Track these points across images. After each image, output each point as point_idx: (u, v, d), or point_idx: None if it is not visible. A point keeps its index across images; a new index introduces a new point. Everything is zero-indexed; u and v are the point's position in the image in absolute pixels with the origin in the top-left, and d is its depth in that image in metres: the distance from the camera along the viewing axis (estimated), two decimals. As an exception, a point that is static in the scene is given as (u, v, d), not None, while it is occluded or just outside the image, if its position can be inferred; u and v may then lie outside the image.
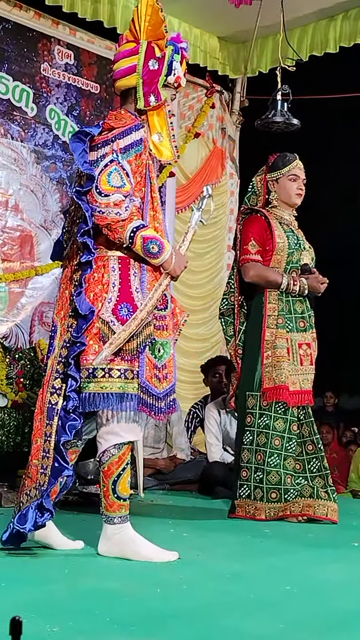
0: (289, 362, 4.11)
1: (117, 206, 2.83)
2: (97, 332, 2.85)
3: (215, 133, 7.29)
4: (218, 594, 2.43)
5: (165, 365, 2.94)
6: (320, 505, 4.02)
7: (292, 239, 4.25)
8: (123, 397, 2.84)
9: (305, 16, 6.39)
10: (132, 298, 2.87)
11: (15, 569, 2.67)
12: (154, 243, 2.87)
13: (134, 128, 2.93)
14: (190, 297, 7.11)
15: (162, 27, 3.02)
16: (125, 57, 3.01)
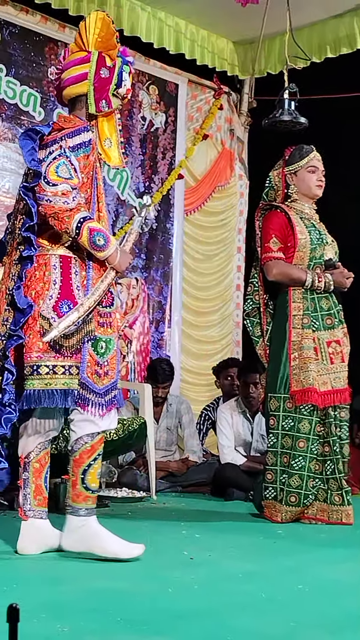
0: (318, 362, 4.04)
1: (64, 195, 2.86)
2: (39, 329, 2.87)
3: (223, 134, 7.28)
4: (230, 593, 2.42)
5: (107, 362, 2.93)
6: (334, 510, 3.99)
7: (314, 234, 4.20)
8: (68, 393, 2.86)
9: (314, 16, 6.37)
10: (72, 295, 2.90)
11: (26, 570, 2.67)
12: (100, 235, 2.90)
13: (83, 129, 3.00)
14: (199, 299, 7.09)
15: (113, 38, 3.09)
16: (76, 65, 3.07)
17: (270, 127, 5.14)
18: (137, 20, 6.18)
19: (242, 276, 7.36)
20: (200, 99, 7.10)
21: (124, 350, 6.40)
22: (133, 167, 6.56)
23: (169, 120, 6.87)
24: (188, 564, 2.85)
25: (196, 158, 7.04)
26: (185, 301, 6.96)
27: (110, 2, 5.96)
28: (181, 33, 6.51)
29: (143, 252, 6.62)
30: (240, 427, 5.44)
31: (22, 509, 2.98)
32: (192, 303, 7.03)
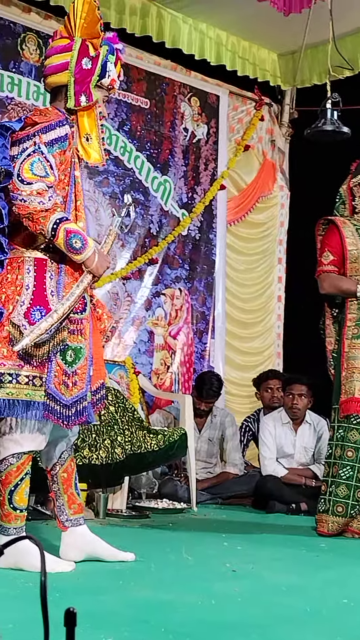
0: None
1: (40, 195, 2.70)
2: (6, 335, 2.73)
3: (264, 145, 7.27)
4: (273, 606, 2.39)
5: (76, 371, 2.81)
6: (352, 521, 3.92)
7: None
8: (29, 404, 2.73)
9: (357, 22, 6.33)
10: (46, 301, 2.75)
11: (69, 580, 2.67)
12: (77, 237, 2.75)
13: (59, 123, 2.83)
14: (243, 310, 7.08)
15: (97, 26, 2.91)
16: (58, 53, 2.90)
17: (312, 137, 5.11)
18: (178, 32, 6.22)
19: (282, 287, 7.33)
20: (241, 110, 7.10)
21: (168, 361, 6.41)
22: (176, 178, 6.58)
23: (211, 132, 6.88)
24: (231, 575, 2.83)
25: (238, 169, 7.04)
26: (230, 312, 6.95)
27: (152, 15, 6.01)
28: (222, 45, 6.53)
29: (186, 262, 6.64)
30: (282, 438, 5.40)
31: (60, 521, 2.97)
32: (235, 314, 7.02)
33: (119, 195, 6.20)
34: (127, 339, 6.15)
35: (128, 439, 4.51)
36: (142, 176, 6.36)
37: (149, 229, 6.36)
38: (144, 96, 6.42)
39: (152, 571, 2.87)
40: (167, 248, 6.45)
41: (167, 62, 6.48)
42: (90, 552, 2.96)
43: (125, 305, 6.18)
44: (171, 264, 6.53)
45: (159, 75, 6.49)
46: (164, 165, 6.52)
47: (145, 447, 4.57)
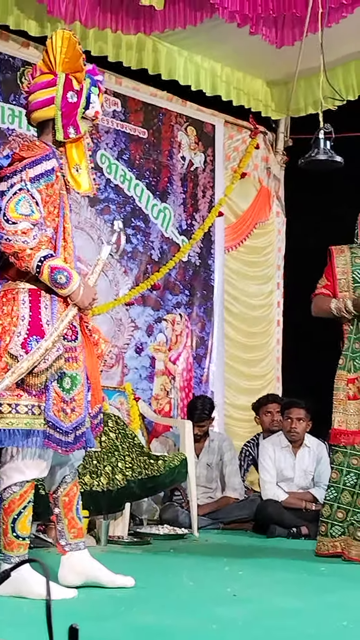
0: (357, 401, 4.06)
1: (24, 234, 2.78)
2: (4, 366, 2.78)
3: (260, 173, 7.37)
4: (274, 629, 2.43)
5: (74, 398, 2.87)
6: (354, 546, 3.95)
7: (358, 274, 4.19)
8: (29, 433, 2.78)
9: (349, 55, 6.47)
10: (42, 331, 2.81)
11: (70, 606, 2.70)
12: (61, 273, 2.82)
13: (45, 157, 2.90)
14: (246, 333, 7.14)
15: (80, 60, 3.00)
16: (42, 89, 2.99)
17: (306, 166, 5.20)
18: (174, 64, 6.34)
19: (281, 312, 7.41)
20: (237, 138, 7.22)
21: (168, 386, 6.46)
22: (175, 205, 6.68)
23: (208, 160, 6.99)
24: (232, 600, 2.87)
25: (235, 196, 7.14)
26: (233, 336, 7.02)
27: (148, 48, 6.13)
28: (217, 76, 6.66)
29: (187, 288, 6.72)
30: (282, 462, 5.44)
31: (60, 545, 3.00)
32: (239, 338, 7.09)
33: (120, 222, 6.30)
34: (129, 365, 6.21)
35: (129, 465, 4.55)
36: (142, 204, 6.46)
37: (150, 255, 6.45)
38: (142, 126, 6.53)
39: (153, 597, 2.91)
40: (168, 274, 6.54)
41: (164, 93, 6.60)
42: (89, 577, 2.98)
43: (129, 331, 6.25)
44: (172, 289, 6.61)
45: (156, 105, 6.61)
46: (163, 193, 6.62)
47: (146, 473, 4.61)
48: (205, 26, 5.72)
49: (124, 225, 6.29)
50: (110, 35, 5.78)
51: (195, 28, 5.67)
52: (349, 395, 4.08)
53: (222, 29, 5.83)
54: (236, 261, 7.13)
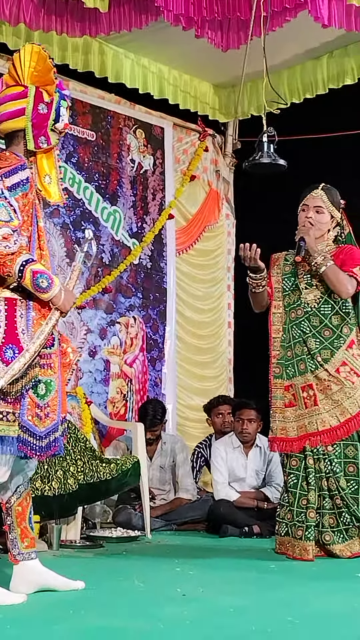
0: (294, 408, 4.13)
1: (5, 239, 2.83)
2: None
3: (210, 175, 7.42)
4: (220, 627, 2.45)
5: (48, 404, 2.93)
6: (295, 545, 3.99)
7: (287, 282, 4.26)
8: (3, 439, 2.81)
9: (294, 58, 6.55)
10: (17, 340, 2.85)
11: (19, 611, 2.70)
12: (43, 277, 2.88)
13: (20, 167, 2.97)
14: (197, 335, 7.17)
15: (51, 74, 3.08)
16: (12, 100, 3.04)
17: (250, 169, 5.25)
18: (121, 67, 6.34)
19: (232, 314, 7.45)
20: (186, 141, 7.25)
21: (124, 389, 6.46)
22: (125, 208, 6.67)
23: (157, 163, 7.01)
24: (180, 600, 2.88)
25: (185, 199, 7.17)
26: (185, 338, 7.04)
27: (94, 50, 6.12)
28: (164, 79, 6.68)
29: (139, 291, 6.72)
30: (234, 462, 5.48)
31: (12, 554, 3.01)
32: (190, 340, 7.11)
33: (70, 225, 6.27)
34: (83, 368, 6.19)
35: (81, 469, 4.54)
36: (92, 207, 6.44)
37: (101, 258, 6.44)
38: (90, 129, 6.52)
39: (103, 599, 2.91)
40: (120, 277, 6.53)
41: (111, 95, 6.59)
42: (41, 584, 3.00)
43: (81, 335, 6.23)
44: (124, 292, 6.61)
45: (104, 108, 6.60)
46: (113, 195, 6.61)
47: (98, 476, 4.60)
48: (152, 29, 5.74)
49: (74, 228, 6.27)
50: (56, 37, 5.76)
51: (141, 31, 5.68)
52: (286, 402, 4.15)
53: (168, 32, 5.86)
54: (186, 264, 7.16)
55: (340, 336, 4.11)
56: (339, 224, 4.28)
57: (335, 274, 4.08)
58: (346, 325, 4.13)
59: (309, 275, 4.21)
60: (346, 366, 4.08)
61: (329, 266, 4.08)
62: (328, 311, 4.15)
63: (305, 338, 4.12)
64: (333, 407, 4.06)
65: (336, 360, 4.08)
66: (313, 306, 4.16)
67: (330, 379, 4.07)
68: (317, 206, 4.21)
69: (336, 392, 4.06)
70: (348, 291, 4.10)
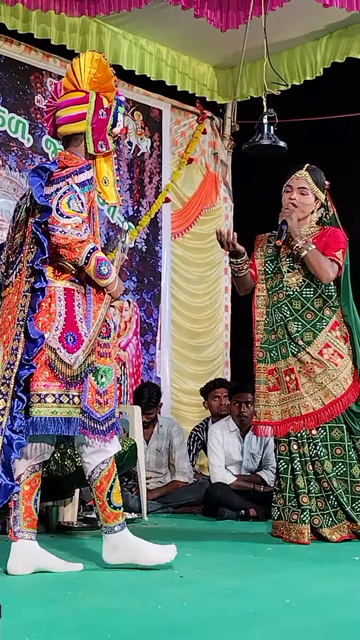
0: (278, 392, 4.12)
1: (77, 227, 3.03)
2: (46, 359, 3.02)
3: (207, 158, 7.39)
4: (218, 609, 2.46)
5: (107, 391, 3.11)
6: (291, 529, 3.98)
7: (269, 265, 4.21)
8: (70, 421, 3.01)
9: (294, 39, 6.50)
10: (76, 327, 3.06)
11: (19, 591, 2.70)
12: (105, 265, 3.10)
13: (86, 167, 3.15)
14: (193, 320, 7.17)
15: (112, 81, 3.28)
16: (74, 105, 3.22)
17: (250, 151, 5.21)
18: (119, 48, 6.30)
19: (229, 297, 7.44)
20: (184, 123, 7.22)
21: (118, 372, 6.46)
22: (122, 191, 6.64)
23: (155, 145, 6.97)
24: (178, 581, 2.89)
25: (182, 182, 7.14)
26: (180, 322, 7.04)
27: (92, 31, 6.08)
28: (162, 60, 6.63)
29: (134, 274, 6.70)
30: (230, 446, 5.48)
31: (12, 530, 3.06)
32: (186, 324, 7.10)
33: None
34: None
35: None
36: (88, 189, 6.41)
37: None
38: (87, 110, 6.46)
39: (100, 580, 2.93)
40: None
41: (110, 77, 6.55)
42: (38, 566, 3.03)
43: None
44: (119, 275, 6.57)
45: (101, 89, 6.55)
46: (109, 178, 6.57)
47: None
48: (151, 8, 5.70)
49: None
50: (54, 17, 5.72)
51: (140, 11, 5.64)
52: (269, 386, 4.12)
53: (167, 12, 5.82)
54: (182, 248, 7.14)
55: (323, 318, 4.07)
56: (324, 205, 4.22)
57: (317, 259, 4.03)
58: (328, 308, 4.09)
59: (290, 258, 4.16)
60: (329, 348, 4.04)
61: (310, 250, 4.03)
62: (310, 294, 4.10)
63: (286, 322, 4.08)
64: (317, 390, 4.02)
65: (319, 342, 4.04)
66: (295, 289, 4.11)
67: (312, 361, 4.03)
68: (301, 187, 4.14)
69: (319, 374, 4.02)
70: (329, 276, 4.04)
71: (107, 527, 3.11)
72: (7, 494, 2.95)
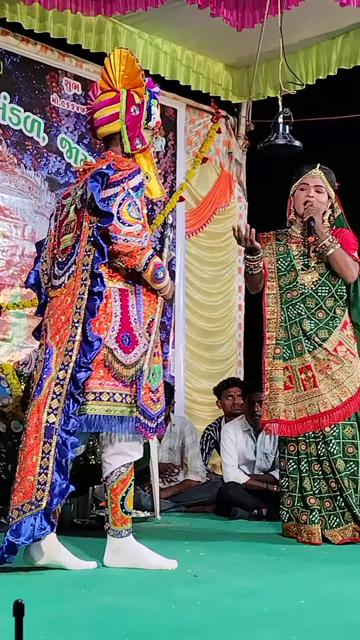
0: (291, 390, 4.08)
1: (139, 235, 3.09)
2: (102, 358, 3.07)
3: (222, 157, 7.38)
4: (232, 609, 2.46)
5: (158, 389, 3.19)
6: (303, 530, 3.96)
7: (282, 263, 4.19)
8: (123, 419, 3.08)
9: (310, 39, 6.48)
10: (131, 328, 3.12)
11: (32, 589, 2.71)
12: (161, 270, 3.16)
13: (137, 171, 3.18)
14: (207, 318, 7.17)
15: (139, 76, 3.29)
16: (107, 106, 3.27)
17: (265, 150, 5.19)
18: (134, 47, 6.28)
19: (242, 296, 7.44)
20: (199, 123, 7.21)
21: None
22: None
23: (169, 144, 6.98)
24: (191, 581, 2.89)
25: (196, 181, 7.14)
26: (194, 321, 7.04)
27: (108, 30, 6.09)
28: (177, 59, 6.63)
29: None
30: (244, 445, 5.48)
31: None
32: (199, 323, 7.10)
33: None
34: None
35: (91, 450, 4.55)
36: (103, 188, 6.41)
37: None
38: (102, 110, 6.47)
39: (114, 578, 2.93)
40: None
41: (125, 76, 6.55)
42: (53, 558, 3.03)
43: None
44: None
45: (117, 89, 6.55)
46: (124, 177, 6.58)
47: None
48: (166, 8, 5.70)
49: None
50: (70, 16, 5.72)
51: (155, 10, 5.64)
52: (285, 384, 4.08)
53: (183, 11, 5.82)
54: (196, 247, 7.14)
55: (335, 317, 4.06)
56: (332, 205, 4.22)
57: (343, 257, 4.04)
58: (339, 307, 4.08)
59: (305, 256, 4.14)
60: (342, 346, 4.03)
61: (337, 249, 4.03)
62: (324, 293, 4.09)
63: (300, 320, 4.07)
64: (334, 386, 3.99)
65: (333, 339, 4.03)
66: (310, 288, 4.10)
67: (329, 357, 4.01)
68: (318, 185, 4.15)
69: (336, 371, 4.00)
70: (354, 275, 4.08)
71: (114, 530, 3.13)
72: (62, 493, 2.97)
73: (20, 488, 2.99)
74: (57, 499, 2.95)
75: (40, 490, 2.95)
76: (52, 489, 2.94)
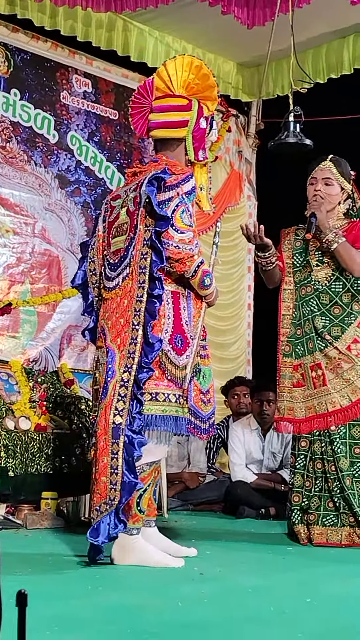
0: (303, 388, 4.04)
1: (190, 243, 3.15)
2: (157, 360, 3.13)
3: (232, 156, 7.37)
4: (238, 607, 2.46)
5: (209, 390, 3.28)
6: (298, 530, 3.95)
7: (298, 258, 4.16)
8: (177, 419, 3.15)
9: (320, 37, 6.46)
10: (183, 330, 3.20)
11: (40, 586, 2.71)
12: (208, 277, 3.24)
13: (190, 176, 3.21)
14: (217, 317, 7.16)
15: (214, 92, 3.36)
16: (176, 111, 3.30)
17: (276, 149, 5.17)
18: (144, 45, 6.28)
19: (252, 295, 7.43)
20: (209, 121, 7.19)
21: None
22: (146, 189, 6.64)
23: (179, 143, 6.95)
24: (198, 579, 2.89)
25: (205, 179, 7.12)
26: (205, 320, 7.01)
27: (118, 28, 6.08)
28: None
29: (160, 272, 6.71)
30: (251, 444, 5.47)
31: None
32: (210, 321, 7.08)
33: (90, 204, 6.28)
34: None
35: (99, 447, 4.55)
36: (113, 186, 6.42)
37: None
38: (113, 107, 6.50)
39: (120, 576, 2.93)
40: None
41: (135, 74, 6.56)
42: (166, 549, 3.24)
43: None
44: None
45: (127, 87, 6.55)
46: (134, 175, 6.58)
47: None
48: (177, 5, 5.69)
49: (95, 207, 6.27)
50: (81, 13, 5.72)
51: (166, 8, 5.63)
52: (294, 382, 4.05)
53: (193, 9, 5.81)
54: (206, 245, 7.11)
55: (351, 313, 4.00)
56: (350, 196, 4.14)
57: (348, 251, 3.98)
58: (356, 303, 4.01)
59: (320, 252, 4.10)
60: (358, 344, 3.96)
61: (340, 243, 3.97)
62: (339, 289, 4.03)
63: (313, 316, 4.01)
64: (344, 386, 3.94)
65: (347, 337, 3.97)
66: (324, 284, 4.05)
67: (340, 357, 3.95)
68: (326, 178, 4.07)
69: (347, 370, 3.94)
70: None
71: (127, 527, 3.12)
72: (131, 490, 3.03)
73: (97, 489, 3.08)
74: (127, 497, 3.02)
75: (113, 490, 3.03)
76: (122, 488, 3.02)
